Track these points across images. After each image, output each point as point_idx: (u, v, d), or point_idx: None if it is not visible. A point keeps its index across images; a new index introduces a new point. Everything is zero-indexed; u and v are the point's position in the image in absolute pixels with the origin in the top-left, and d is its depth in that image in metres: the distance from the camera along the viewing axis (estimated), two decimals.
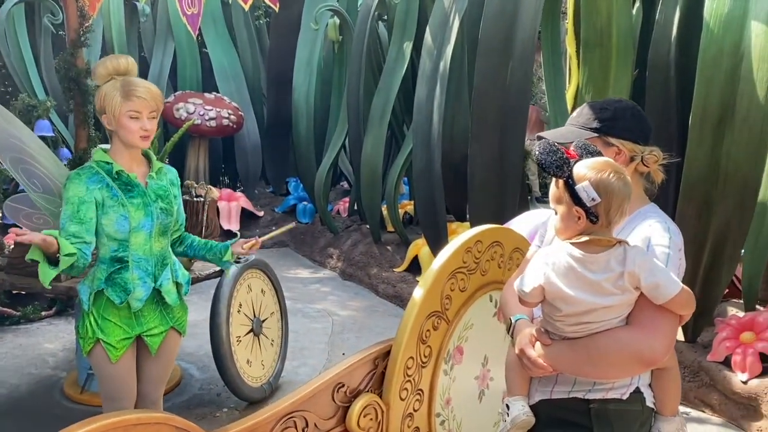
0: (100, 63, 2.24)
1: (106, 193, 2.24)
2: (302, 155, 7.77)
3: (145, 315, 2.36)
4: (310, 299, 5.58)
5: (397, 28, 6.28)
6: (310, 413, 1.88)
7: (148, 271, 2.34)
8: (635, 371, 1.57)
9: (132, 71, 2.26)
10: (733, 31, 3.57)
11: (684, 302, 1.47)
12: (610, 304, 1.49)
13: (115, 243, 2.28)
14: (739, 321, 3.64)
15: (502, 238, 2.49)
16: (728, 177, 3.62)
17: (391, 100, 6.11)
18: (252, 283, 3.66)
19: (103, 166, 2.27)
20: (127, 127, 2.21)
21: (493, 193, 4.84)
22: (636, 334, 1.49)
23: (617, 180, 1.48)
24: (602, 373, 1.56)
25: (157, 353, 2.42)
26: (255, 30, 9.07)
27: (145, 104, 2.21)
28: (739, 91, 3.56)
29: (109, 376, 2.34)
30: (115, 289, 2.29)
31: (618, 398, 1.59)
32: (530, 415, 1.65)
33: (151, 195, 2.33)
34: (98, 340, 2.29)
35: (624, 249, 1.50)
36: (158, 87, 2.36)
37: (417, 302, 2.16)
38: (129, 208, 2.26)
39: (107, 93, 2.21)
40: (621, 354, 1.50)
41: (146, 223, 2.30)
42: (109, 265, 2.30)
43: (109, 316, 2.30)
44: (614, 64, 4.08)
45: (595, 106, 1.75)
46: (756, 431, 3.34)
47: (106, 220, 2.24)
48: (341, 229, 7.19)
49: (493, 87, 4.70)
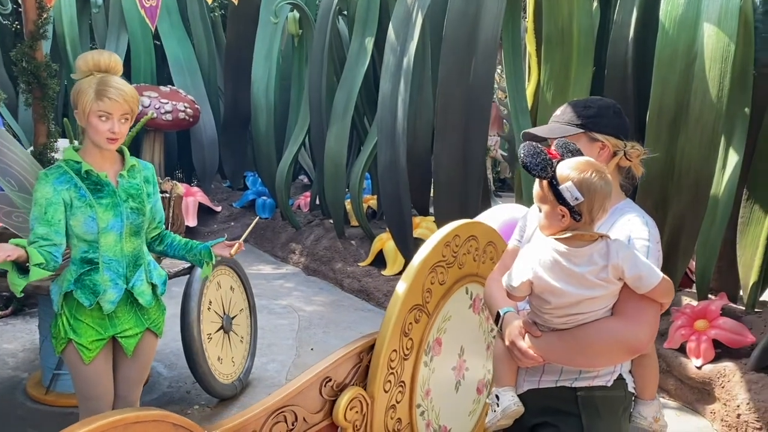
0: (82, 57, 2.17)
1: (73, 194, 2.18)
2: (262, 150, 7.70)
3: (119, 316, 2.31)
4: (275, 295, 5.57)
5: (358, 23, 6.30)
6: (300, 407, 1.91)
7: (119, 273, 2.28)
8: (622, 359, 1.66)
9: (114, 69, 2.19)
10: (686, 32, 3.72)
11: (665, 291, 1.56)
12: (596, 295, 1.57)
13: (85, 244, 2.23)
14: (693, 310, 3.82)
15: (477, 233, 2.56)
16: (683, 173, 3.78)
17: (354, 95, 6.13)
18: (221, 280, 3.64)
19: (72, 165, 2.20)
20: (95, 127, 2.15)
21: (457, 188, 4.93)
22: (622, 324, 1.57)
23: (599, 179, 1.55)
24: (591, 362, 1.64)
25: (133, 355, 2.37)
26: (210, 22, 8.94)
27: (116, 106, 2.15)
28: (692, 90, 3.72)
29: (83, 376, 2.29)
30: (84, 291, 2.23)
31: (603, 385, 1.68)
32: (520, 404, 1.71)
33: (122, 195, 2.26)
34: (70, 340, 2.24)
35: (606, 243, 1.57)
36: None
37: (400, 296, 2.20)
38: (97, 209, 2.19)
39: (82, 89, 2.14)
40: (608, 343, 1.58)
41: (116, 224, 2.23)
42: (79, 266, 2.24)
43: (82, 317, 2.25)
44: (575, 62, 4.21)
45: (579, 104, 1.82)
46: (710, 413, 3.53)
47: (74, 221, 2.18)
48: (303, 224, 7.18)
49: (456, 84, 4.78)
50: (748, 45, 3.87)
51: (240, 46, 8.21)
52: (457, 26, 4.70)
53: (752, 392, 3.30)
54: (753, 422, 3.25)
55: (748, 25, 3.83)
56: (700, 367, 3.59)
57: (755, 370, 3.39)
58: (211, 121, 8.49)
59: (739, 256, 3.99)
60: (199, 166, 8.58)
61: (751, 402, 3.28)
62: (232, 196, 8.75)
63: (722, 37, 3.60)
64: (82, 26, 8.07)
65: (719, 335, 3.61)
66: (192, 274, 3.42)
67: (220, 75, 8.98)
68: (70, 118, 3.64)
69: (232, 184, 9.15)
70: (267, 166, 7.67)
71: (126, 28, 8.01)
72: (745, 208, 3.94)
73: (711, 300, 3.89)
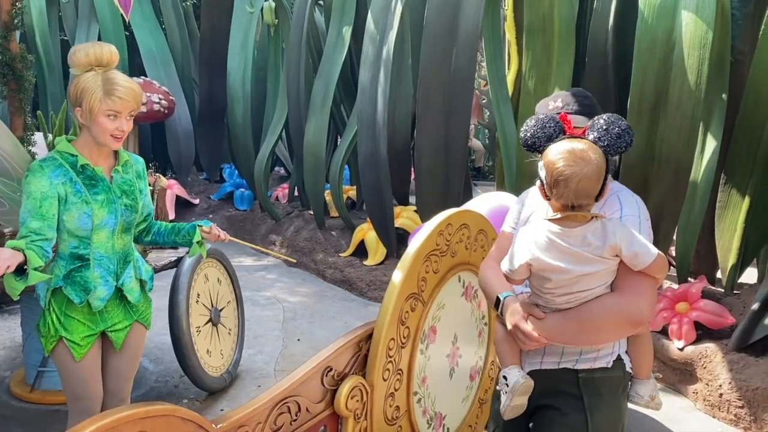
0: (81, 50, 2.09)
1: (69, 189, 2.12)
2: (239, 141, 7.63)
3: (108, 311, 2.27)
4: (258, 287, 5.54)
5: (335, 13, 6.25)
6: (302, 398, 1.91)
7: (110, 270, 2.24)
8: (625, 332, 1.70)
9: (114, 62, 2.13)
10: (665, 20, 3.78)
11: (659, 267, 1.61)
12: (593, 270, 1.61)
13: (76, 240, 2.18)
14: (674, 293, 3.91)
15: (469, 221, 2.58)
16: (663, 160, 3.85)
17: (332, 86, 6.10)
18: (209, 273, 3.61)
19: (67, 158, 2.14)
20: (102, 126, 2.09)
21: (439, 178, 4.95)
22: (623, 298, 1.62)
23: (565, 164, 1.56)
24: (596, 338, 1.68)
25: (122, 348, 2.33)
26: (183, 12, 8.79)
27: (125, 105, 2.10)
28: (671, 78, 3.78)
29: (74, 375, 2.24)
30: (74, 287, 2.18)
31: (604, 367, 1.72)
32: (528, 378, 1.74)
33: (116, 191, 2.22)
34: (61, 338, 2.19)
35: (602, 223, 1.60)
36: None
37: (396, 285, 2.21)
38: (93, 205, 2.14)
39: (87, 87, 2.07)
40: (611, 318, 1.62)
41: (110, 221, 2.19)
42: (68, 262, 2.19)
43: (72, 313, 2.20)
44: (556, 50, 4.25)
45: (578, 93, 1.85)
46: (692, 393, 3.62)
47: (67, 217, 2.12)
48: (282, 215, 7.14)
49: (438, 74, 4.79)
50: (725, 32, 3.94)
51: (214, 36, 8.09)
52: (438, 15, 4.70)
53: (733, 372, 3.39)
54: (735, 401, 3.34)
55: (725, 12, 3.90)
56: (682, 348, 3.67)
57: (736, 350, 3.48)
58: (186, 112, 8.37)
59: (718, 240, 4.09)
60: (175, 158, 8.46)
61: (732, 381, 3.36)
62: (210, 188, 8.66)
63: (700, 25, 3.66)
64: (51, 17, 7.88)
65: (700, 317, 3.70)
66: (179, 268, 3.39)
67: (194, 66, 8.85)
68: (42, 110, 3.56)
69: (209, 177, 9.05)
70: (244, 158, 7.60)
71: (96, 18, 7.85)
72: (723, 192, 4.03)
73: (691, 283, 3.98)
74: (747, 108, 3.87)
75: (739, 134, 3.94)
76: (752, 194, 3.88)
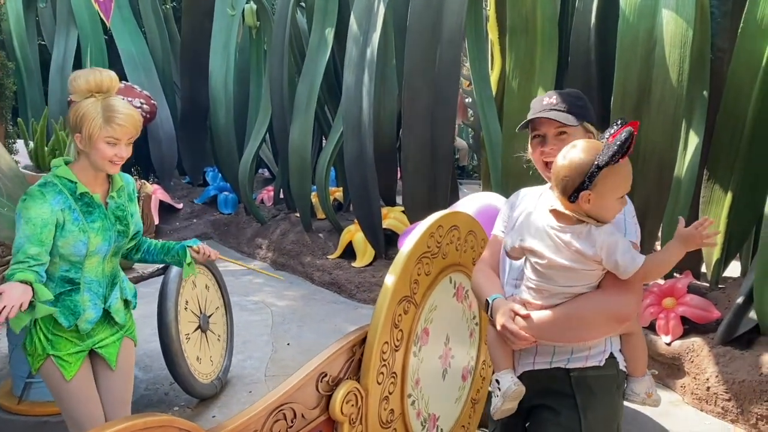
0: (81, 76, 2.09)
1: (68, 216, 2.11)
2: (222, 144, 7.58)
3: (95, 329, 2.26)
4: (245, 292, 5.51)
5: (317, 14, 6.24)
6: (298, 404, 1.91)
7: (98, 294, 2.23)
8: (612, 329, 1.71)
9: (114, 88, 2.13)
10: (646, 18, 3.82)
11: (646, 274, 1.62)
12: (574, 267, 1.63)
13: (67, 264, 2.17)
14: (661, 288, 3.95)
15: (459, 223, 2.59)
16: (647, 157, 3.89)
17: (316, 87, 6.09)
18: (197, 279, 3.59)
19: (66, 184, 2.13)
20: (102, 152, 2.09)
21: (426, 178, 4.97)
22: (608, 295, 1.64)
23: (561, 158, 1.64)
24: (582, 335, 1.69)
25: (117, 366, 2.31)
26: (163, 15, 8.73)
27: (125, 132, 2.10)
28: (653, 76, 3.82)
29: (67, 395, 2.20)
30: (63, 311, 2.17)
31: (596, 365, 1.73)
32: (520, 384, 1.75)
33: (111, 218, 2.22)
34: (49, 355, 2.17)
35: (589, 229, 1.62)
36: (63, 76, 2.21)
37: (389, 288, 2.21)
38: (90, 234, 2.14)
39: (87, 113, 2.07)
40: (597, 314, 1.64)
41: (103, 248, 2.19)
42: (58, 285, 2.17)
43: (59, 332, 2.18)
44: (539, 50, 4.27)
45: (571, 94, 1.87)
46: (680, 387, 3.66)
47: (62, 243, 2.11)
48: (268, 218, 7.11)
49: (422, 75, 4.80)
50: (705, 30, 4.00)
51: (195, 39, 8.03)
52: (421, 16, 4.71)
53: (720, 365, 3.44)
54: (722, 394, 3.38)
55: (704, 10, 3.95)
56: (670, 343, 3.71)
57: (722, 343, 3.53)
58: (168, 116, 8.31)
59: None
60: (158, 163, 8.39)
61: (719, 375, 3.41)
62: (193, 192, 8.60)
63: (680, 23, 3.71)
64: (29, 22, 7.80)
65: (687, 312, 3.74)
66: (167, 275, 3.36)
67: (175, 69, 8.78)
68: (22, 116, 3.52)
69: (192, 181, 8.98)
70: (228, 161, 7.56)
71: (75, 23, 7.77)
72: (706, 188, 4.08)
73: (677, 278, 4.02)
74: (728, 104, 3.92)
75: (721, 130, 3.99)
76: (734, 189, 3.93)
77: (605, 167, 1.56)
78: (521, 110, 4.36)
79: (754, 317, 3.46)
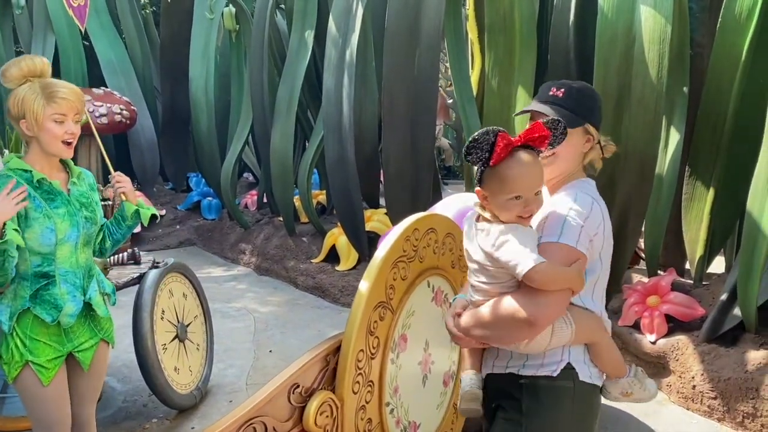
0: (13, 64, 2.06)
1: (29, 205, 2.06)
2: (204, 149, 7.51)
3: (74, 330, 2.22)
4: (228, 298, 5.44)
5: (297, 17, 6.18)
6: (269, 417, 1.85)
7: (76, 285, 2.19)
8: (522, 334, 1.60)
9: (47, 72, 2.10)
10: (624, 15, 3.79)
11: (539, 281, 1.50)
12: (482, 262, 1.61)
13: (39, 257, 2.12)
14: (645, 286, 3.92)
15: (436, 225, 2.54)
16: (628, 154, 3.86)
17: (297, 90, 6.02)
18: (173, 288, 3.52)
19: (21, 174, 2.09)
20: (51, 132, 2.05)
21: (407, 180, 4.92)
22: (519, 298, 1.55)
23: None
24: (497, 338, 1.65)
25: (89, 368, 2.28)
26: (142, 20, 8.63)
27: (70, 105, 2.07)
28: (633, 72, 3.79)
29: (41, 400, 2.16)
30: (44, 306, 2.13)
31: (549, 375, 1.67)
32: (474, 387, 1.74)
33: (75, 203, 2.18)
34: (27, 362, 2.12)
35: (491, 226, 1.58)
36: None
37: (364, 294, 2.16)
38: (55, 219, 2.10)
39: (26, 96, 2.04)
40: (506, 317, 1.56)
41: (72, 234, 2.15)
42: (33, 282, 2.13)
43: (38, 336, 2.13)
44: (518, 48, 4.24)
45: (583, 92, 1.79)
46: (666, 386, 3.63)
47: (29, 234, 2.07)
48: (252, 223, 7.04)
49: (401, 76, 4.76)
50: (683, 26, 3.97)
51: (175, 43, 7.96)
52: (399, 17, 4.67)
53: (705, 363, 3.41)
54: (708, 392, 3.35)
55: (682, 6, 3.93)
56: (655, 342, 3.68)
57: (707, 341, 3.50)
58: (149, 122, 8.21)
59: (685, 232, 4.11)
60: (139, 169, 8.29)
61: (705, 373, 3.38)
62: (176, 198, 8.51)
63: (659, 19, 3.68)
64: (5, 28, 7.68)
65: (671, 310, 3.71)
66: (142, 284, 3.29)
67: (155, 75, 8.69)
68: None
69: (175, 187, 8.89)
70: (211, 166, 7.48)
71: (52, 29, 7.65)
72: (688, 184, 4.06)
73: (661, 276, 3.99)
74: (708, 100, 3.90)
75: (702, 126, 3.97)
76: (716, 185, 3.91)
77: (486, 168, 1.56)
78: (501, 109, 4.33)
79: (739, 314, 3.43)
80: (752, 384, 3.19)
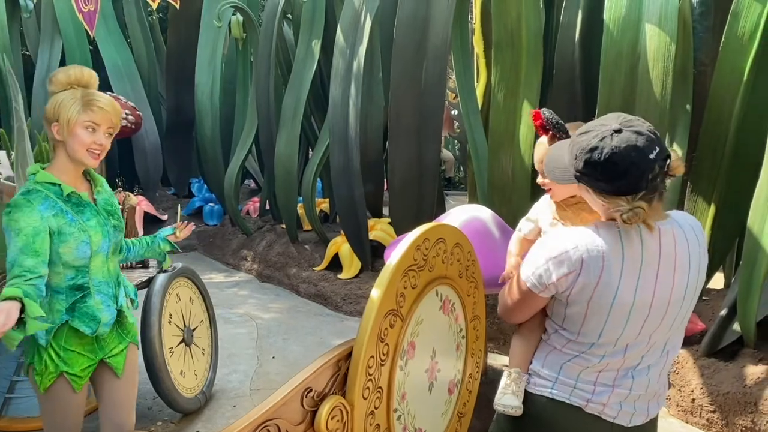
0: (61, 71, 2.08)
1: (61, 220, 2.05)
2: (208, 155, 7.56)
3: (105, 338, 2.23)
4: (230, 304, 5.47)
5: (304, 26, 6.25)
6: (282, 420, 1.88)
7: (109, 294, 2.20)
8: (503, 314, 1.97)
9: (93, 85, 2.11)
10: (629, 32, 3.85)
11: (513, 289, 1.85)
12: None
13: (73, 270, 2.11)
14: None
15: (445, 235, 2.58)
16: None
17: (303, 99, 6.08)
18: (180, 292, 3.55)
19: (49, 188, 2.07)
20: (80, 138, 2.04)
21: (412, 191, 4.97)
22: (508, 288, 1.93)
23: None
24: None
25: (123, 373, 2.28)
26: (149, 26, 8.71)
27: (105, 117, 2.06)
28: (638, 90, 3.85)
29: (70, 407, 2.17)
30: (82, 319, 2.12)
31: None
32: (517, 407, 1.86)
33: (103, 213, 2.18)
34: (61, 373, 2.13)
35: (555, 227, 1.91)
36: (47, 87, 2.20)
37: (375, 302, 2.19)
38: (90, 232, 2.10)
39: (64, 100, 2.04)
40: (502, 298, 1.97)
41: (104, 245, 2.15)
42: (68, 295, 2.12)
43: (72, 346, 2.14)
44: (524, 64, 4.29)
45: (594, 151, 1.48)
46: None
47: (64, 249, 2.05)
48: (254, 229, 7.07)
49: (408, 88, 4.81)
50: (687, 44, 4.04)
51: (181, 50, 8.03)
52: (408, 30, 4.73)
53: (705, 377, 3.45)
54: (707, 406, 3.39)
55: (686, 24, 4.00)
56: None
57: (706, 355, 3.55)
58: (154, 127, 8.28)
59: None
60: (143, 174, 8.34)
61: (704, 387, 3.42)
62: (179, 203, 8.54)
63: (663, 37, 3.75)
64: (13, 32, 7.73)
65: None
66: (151, 288, 3.33)
67: (160, 80, 8.76)
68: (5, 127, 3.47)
69: (177, 192, 8.94)
70: (214, 172, 7.53)
71: (60, 33, 7.72)
72: (690, 200, 4.11)
73: None
74: (710, 118, 3.96)
75: (704, 143, 4.03)
76: (717, 202, 3.97)
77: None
78: (506, 123, 4.39)
79: (738, 329, 3.48)
80: (751, 398, 3.24)
